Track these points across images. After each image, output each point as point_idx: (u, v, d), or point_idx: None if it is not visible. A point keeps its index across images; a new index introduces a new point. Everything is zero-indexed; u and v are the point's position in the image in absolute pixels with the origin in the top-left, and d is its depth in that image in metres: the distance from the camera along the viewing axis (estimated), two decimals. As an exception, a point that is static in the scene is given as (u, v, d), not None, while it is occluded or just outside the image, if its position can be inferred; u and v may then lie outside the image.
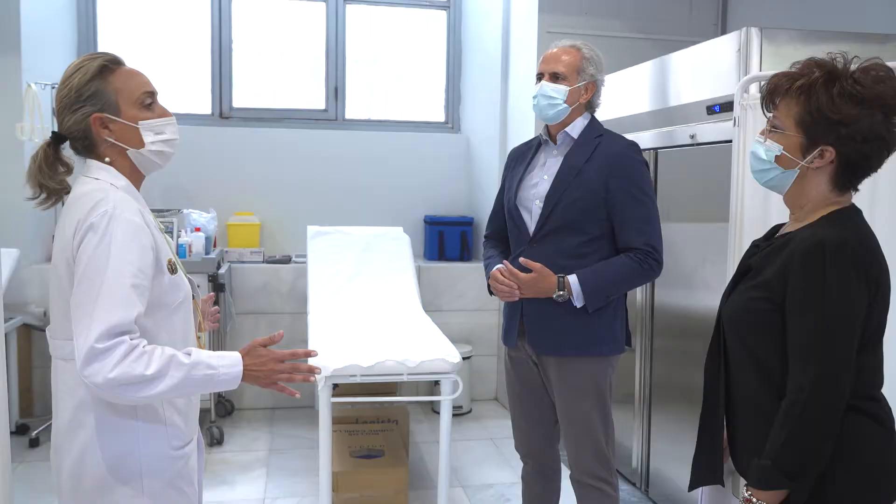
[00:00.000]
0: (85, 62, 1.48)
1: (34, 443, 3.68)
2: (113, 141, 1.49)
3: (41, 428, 3.74)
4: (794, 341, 1.36)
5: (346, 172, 4.76)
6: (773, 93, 1.44)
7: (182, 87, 4.69)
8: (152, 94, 1.54)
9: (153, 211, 4.12)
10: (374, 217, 4.61)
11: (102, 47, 4.56)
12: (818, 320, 1.33)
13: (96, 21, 4.54)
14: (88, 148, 1.50)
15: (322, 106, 4.91)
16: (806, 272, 1.34)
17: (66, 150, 1.53)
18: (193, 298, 1.61)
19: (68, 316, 1.39)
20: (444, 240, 4.75)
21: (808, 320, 1.34)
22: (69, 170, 1.51)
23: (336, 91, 4.90)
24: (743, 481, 1.51)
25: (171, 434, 1.50)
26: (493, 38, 4.58)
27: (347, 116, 4.95)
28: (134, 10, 4.62)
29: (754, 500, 1.38)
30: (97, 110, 1.47)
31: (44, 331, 3.95)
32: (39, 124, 3.62)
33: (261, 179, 4.68)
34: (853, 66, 1.39)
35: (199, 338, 1.65)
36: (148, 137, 1.51)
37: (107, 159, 1.49)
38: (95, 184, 1.46)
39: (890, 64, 1.41)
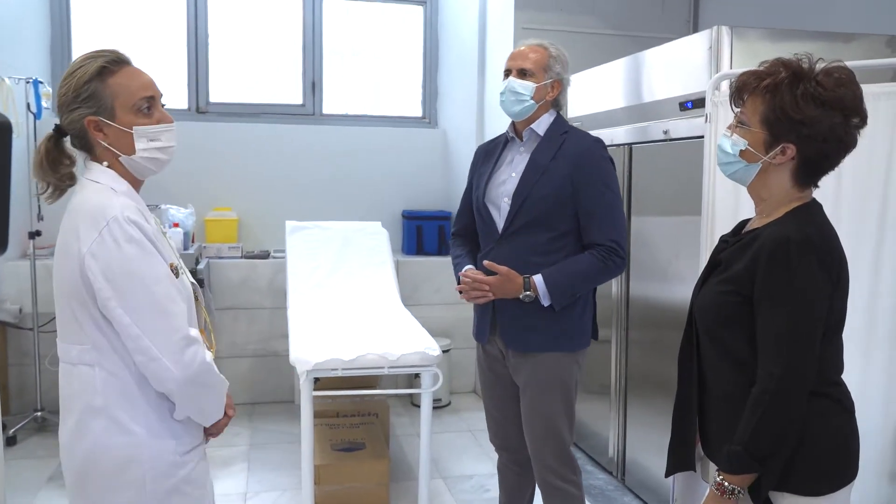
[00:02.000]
0: (87, 61, 1.45)
1: (11, 441, 3.65)
2: (105, 145, 1.46)
3: (18, 426, 3.71)
4: (763, 332, 1.42)
5: (323, 167, 4.77)
6: (741, 89, 1.50)
7: (158, 81, 4.65)
8: (152, 98, 1.50)
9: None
10: (352, 212, 4.63)
11: (77, 41, 4.52)
12: (786, 313, 1.39)
13: (70, 14, 4.50)
14: (85, 147, 1.49)
15: (299, 101, 4.91)
16: (773, 267, 1.40)
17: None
18: (196, 300, 1.61)
19: (79, 321, 1.40)
20: (421, 234, 4.78)
21: (777, 313, 1.40)
22: (73, 162, 1.49)
23: (313, 86, 4.91)
24: (714, 466, 1.57)
25: (176, 439, 1.49)
26: (469, 34, 4.61)
27: (325, 111, 4.95)
28: (109, 4, 4.57)
29: (726, 484, 1.44)
30: (92, 113, 1.44)
31: (20, 328, 3.95)
32: (14, 119, 3.58)
33: (238, 174, 4.67)
34: (818, 67, 1.44)
35: (204, 335, 1.67)
36: (140, 144, 1.47)
37: (104, 163, 1.47)
38: (96, 188, 1.45)
39: (851, 64, 1.47)
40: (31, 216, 3.89)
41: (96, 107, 1.44)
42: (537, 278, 2.12)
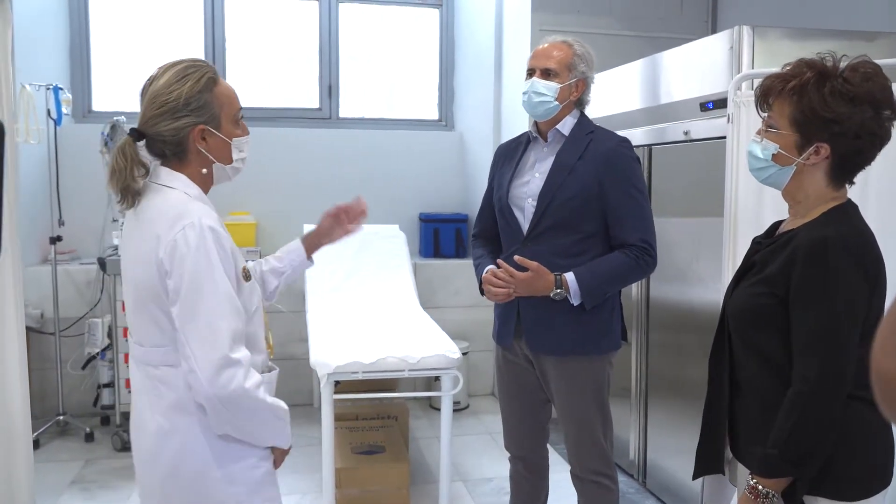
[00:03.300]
0: (194, 70, 1.48)
1: (34, 445, 3.67)
2: (205, 153, 1.49)
3: (41, 430, 3.74)
4: (798, 335, 1.41)
5: (340, 171, 4.78)
6: (767, 94, 1.49)
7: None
8: (241, 110, 1.56)
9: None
10: (369, 215, 4.55)
11: (95, 48, 4.56)
12: (823, 315, 1.37)
13: (89, 21, 4.54)
14: (177, 154, 1.49)
15: (316, 104, 4.92)
16: (810, 268, 1.38)
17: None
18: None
19: (159, 324, 1.42)
20: (439, 237, 4.78)
21: (813, 315, 1.38)
22: (147, 171, 1.49)
23: (330, 89, 4.92)
24: (743, 469, 1.55)
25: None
26: (485, 36, 4.61)
27: (341, 115, 4.97)
28: (126, 10, 4.62)
29: (760, 487, 1.42)
30: (202, 122, 1.47)
31: (42, 332, 3.98)
32: (35, 126, 3.63)
33: (256, 179, 4.67)
34: (842, 65, 1.43)
35: (267, 342, 1.68)
36: (235, 154, 1.54)
37: (204, 170, 1.50)
38: (171, 193, 1.46)
39: (878, 62, 1.46)
40: (52, 221, 3.93)
41: (206, 116, 1.48)
42: (569, 276, 2.07)
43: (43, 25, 4.25)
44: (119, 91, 4.63)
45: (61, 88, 3.84)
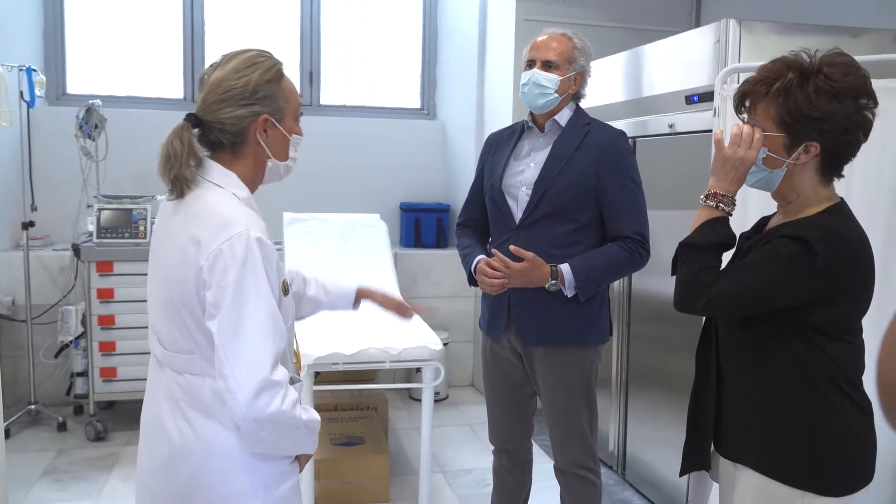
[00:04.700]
0: (264, 60, 1.43)
1: (5, 434, 3.60)
2: (264, 146, 1.44)
3: (12, 419, 3.67)
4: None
5: (321, 159, 4.72)
6: (746, 98, 1.48)
7: (153, 70, 4.60)
8: (301, 107, 1.53)
9: (125, 197, 4.00)
10: (349, 204, 4.59)
11: (70, 28, 4.45)
12: (762, 261, 1.41)
13: (63, 1, 4.43)
14: (234, 145, 1.43)
15: (297, 91, 4.85)
16: (790, 241, 1.39)
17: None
18: None
19: (190, 330, 1.35)
20: (420, 227, 4.75)
21: (756, 254, 1.43)
22: (199, 162, 1.42)
23: (311, 76, 4.86)
24: (728, 464, 1.55)
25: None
26: (469, 25, 4.57)
27: (322, 102, 4.91)
28: (103, -8, 4.51)
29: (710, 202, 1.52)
30: (268, 112, 1.42)
31: (13, 320, 3.89)
32: (7, 107, 3.53)
33: (235, 166, 4.62)
34: (817, 59, 1.43)
35: (296, 354, 1.63)
36: (291, 152, 1.50)
37: (254, 164, 1.44)
38: (219, 193, 1.39)
39: (859, 59, 1.46)
40: (24, 206, 3.84)
41: (272, 107, 1.43)
42: (564, 267, 2.06)
43: (16, 4, 4.13)
44: (95, 74, 4.52)
45: (35, 70, 3.74)
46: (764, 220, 1.61)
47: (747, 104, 1.48)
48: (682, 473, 1.65)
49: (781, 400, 1.44)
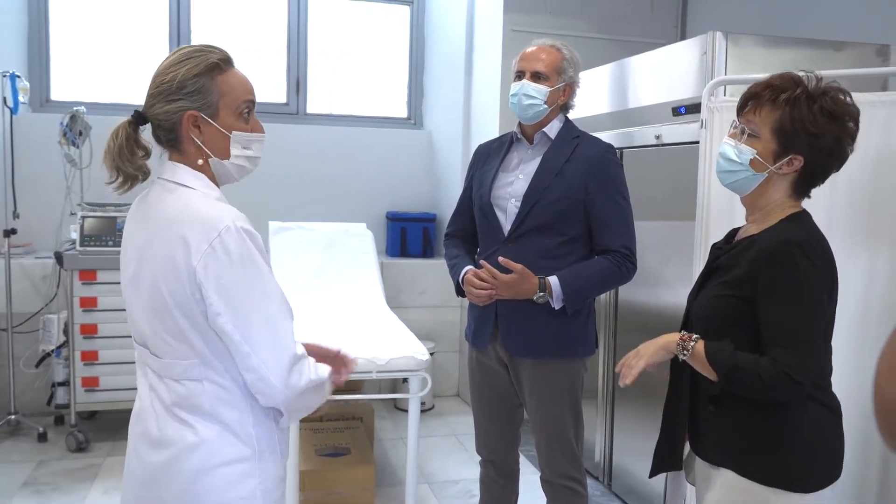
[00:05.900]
0: (198, 54, 1.39)
1: (-16, 444, 3.56)
2: (199, 143, 1.40)
3: (-9, 429, 3.62)
4: (775, 329, 1.44)
5: (307, 167, 4.71)
6: (751, 99, 1.53)
7: (139, 78, 4.57)
8: (252, 103, 1.45)
9: (109, 205, 3.96)
10: (335, 213, 4.57)
11: (54, 32, 4.42)
12: (796, 313, 1.42)
13: (48, 7, 4.39)
14: (171, 142, 1.41)
15: (283, 100, 4.84)
16: (778, 268, 1.43)
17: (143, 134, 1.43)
18: None
19: (186, 335, 1.33)
20: (406, 236, 4.74)
21: (787, 311, 1.43)
22: (147, 154, 1.41)
23: (298, 84, 4.85)
24: (704, 466, 1.60)
25: (281, 453, 1.48)
26: (456, 35, 4.58)
27: (309, 111, 4.90)
28: (88, -2, 4.48)
29: (689, 344, 1.52)
30: (195, 108, 1.37)
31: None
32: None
33: (220, 174, 4.59)
34: (816, 85, 1.50)
35: None
36: (235, 150, 1.42)
37: (199, 161, 1.41)
38: (193, 195, 1.38)
39: (843, 73, 1.53)
40: (6, 213, 3.80)
41: (200, 102, 1.38)
42: (552, 280, 2.06)
43: (0, 11, 4.10)
44: (79, 80, 4.49)
45: (18, 76, 3.71)
46: (733, 232, 1.66)
47: (753, 107, 1.52)
48: (651, 474, 1.71)
49: (754, 403, 1.49)
